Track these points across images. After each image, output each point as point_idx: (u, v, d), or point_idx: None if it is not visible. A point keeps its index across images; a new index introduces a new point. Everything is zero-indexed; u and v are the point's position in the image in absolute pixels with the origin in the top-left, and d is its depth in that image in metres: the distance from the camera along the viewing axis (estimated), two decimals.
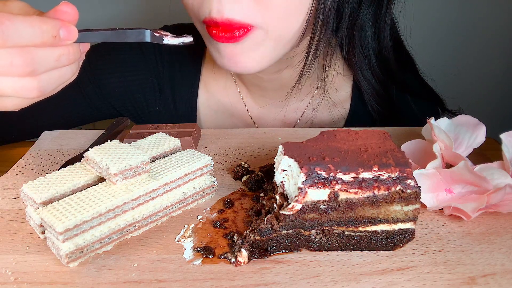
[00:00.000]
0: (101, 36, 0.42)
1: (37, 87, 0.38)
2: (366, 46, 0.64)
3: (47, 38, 0.37)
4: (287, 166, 0.39)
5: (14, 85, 0.38)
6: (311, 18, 0.56)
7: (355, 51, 0.64)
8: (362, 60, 0.66)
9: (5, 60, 0.36)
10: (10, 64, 0.36)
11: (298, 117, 0.74)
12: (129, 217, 0.41)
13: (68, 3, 0.39)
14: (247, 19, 0.53)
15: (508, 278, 0.36)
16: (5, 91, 0.38)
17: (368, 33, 0.63)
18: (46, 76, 0.39)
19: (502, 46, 1.38)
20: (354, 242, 0.39)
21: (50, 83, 0.39)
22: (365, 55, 0.65)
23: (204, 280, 0.36)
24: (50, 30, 0.37)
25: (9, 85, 0.38)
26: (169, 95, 0.76)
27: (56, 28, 0.37)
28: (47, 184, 0.41)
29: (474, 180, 0.43)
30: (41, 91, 0.39)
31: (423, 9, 1.22)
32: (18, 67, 0.37)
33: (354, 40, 0.63)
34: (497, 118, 1.00)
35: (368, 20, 0.62)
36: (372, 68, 0.67)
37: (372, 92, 0.69)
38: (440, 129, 0.47)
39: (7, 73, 0.37)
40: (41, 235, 0.41)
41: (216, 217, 0.44)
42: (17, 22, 0.35)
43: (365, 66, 0.66)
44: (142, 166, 0.41)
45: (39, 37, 0.37)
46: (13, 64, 0.36)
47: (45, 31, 0.37)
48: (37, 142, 0.62)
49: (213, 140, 0.62)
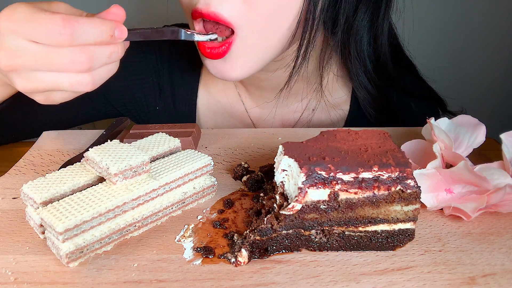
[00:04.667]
0: (143, 34, 0.47)
1: (91, 82, 0.43)
2: (362, 52, 0.64)
3: (106, 37, 0.41)
4: (287, 166, 0.39)
5: (71, 80, 0.42)
6: (301, 19, 0.55)
7: (351, 57, 0.64)
8: (358, 66, 0.65)
9: (68, 57, 0.40)
10: (71, 62, 0.40)
11: (296, 118, 0.74)
12: (129, 217, 0.41)
13: (118, 6, 0.43)
14: (233, 17, 0.53)
15: (508, 278, 0.36)
16: (62, 85, 0.42)
17: (364, 39, 0.63)
18: (99, 71, 0.43)
19: (502, 46, 1.39)
20: (354, 242, 0.39)
21: (101, 78, 0.44)
22: (361, 61, 0.65)
23: (204, 280, 0.36)
24: (108, 30, 0.41)
25: (67, 80, 0.42)
26: (169, 95, 0.76)
27: (112, 29, 0.42)
28: (47, 184, 0.41)
29: (474, 180, 0.43)
30: (94, 85, 0.43)
31: (424, 9, 1.22)
32: (79, 64, 0.41)
33: (350, 45, 0.63)
34: (497, 118, 1.00)
35: (364, 26, 0.62)
36: (368, 74, 0.66)
37: (367, 98, 0.68)
38: (440, 129, 0.47)
39: (67, 70, 0.41)
40: (41, 235, 0.41)
41: (216, 217, 0.44)
42: (84, 23, 0.40)
43: (361, 71, 0.66)
44: (142, 166, 0.41)
45: (99, 36, 0.41)
46: (74, 61, 0.40)
47: (104, 31, 0.41)
48: (37, 142, 0.62)
49: (213, 140, 0.62)
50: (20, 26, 0.39)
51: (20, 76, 0.42)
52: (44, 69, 0.41)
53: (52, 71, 0.41)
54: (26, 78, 0.42)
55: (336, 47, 0.63)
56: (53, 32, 0.39)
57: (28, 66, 0.41)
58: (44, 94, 0.44)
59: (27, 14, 0.39)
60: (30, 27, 0.39)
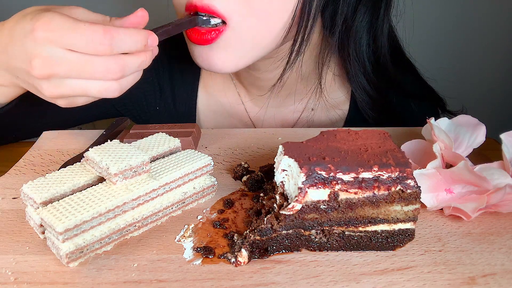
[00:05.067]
0: (166, 32, 0.48)
1: (119, 89, 0.44)
2: (361, 53, 0.64)
3: (140, 46, 0.43)
4: (287, 166, 0.39)
5: (100, 88, 0.43)
6: (296, 15, 0.55)
7: (350, 58, 0.64)
8: (357, 67, 0.65)
9: (102, 66, 0.41)
10: (106, 70, 0.42)
11: (296, 118, 0.74)
12: (129, 217, 0.41)
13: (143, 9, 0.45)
14: (226, 10, 0.53)
15: (508, 278, 0.36)
16: (90, 92, 0.43)
17: (363, 40, 0.63)
18: (127, 78, 0.45)
19: (502, 46, 1.39)
20: (354, 242, 0.39)
21: (127, 85, 0.45)
22: (360, 62, 0.65)
23: (204, 280, 0.36)
24: (142, 40, 0.43)
25: (96, 87, 0.43)
26: (169, 95, 0.76)
27: (146, 38, 0.43)
28: (47, 184, 0.41)
29: (474, 180, 0.43)
30: (121, 92, 0.45)
31: (424, 10, 1.22)
32: (113, 73, 0.42)
33: (349, 46, 0.63)
34: (497, 118, 1.00)
35: (363, 27, 0.62)
36: (367, 75, 0.66)
37: (366, 99, 0.68)
38: (440, 129, 0.47)
39: (101, 78, 0.42)
40: (41, 235, 0.41)
41: (216, 217, 0.44)
42: (122, 34, 0.41)
43: (359, 73, 0.66)
44: (142, 166, 0.41)
45: (135, 45, 0.43)
46: (109, 70, 0.42)
47: (139, 41, 0.43)
48: (37, 142, 0.62)
49: (213, 140, 0.62)
50: (59, 35, 0.40)
51: (50, 82, 0.42)
52: (77, 77, 0.42)
53: (84, 79, 0.42)
54: (55, 84, 0.42)
55: (334, 47, 0.63)
56: (94, 41, 0.40)
57: (62, 74, 0.42)
58: (67, 99, 0.45)
59: (66, 24, 0.40)
60: (71, 36, 0.40)
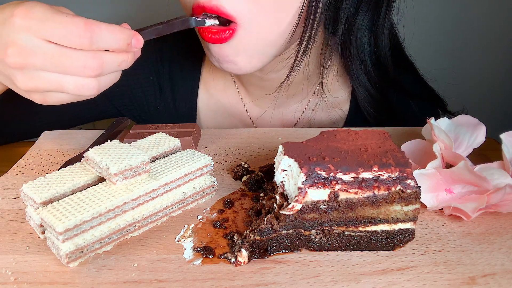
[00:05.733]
0: (155, 32, 0.47)
1: (96, 87, 0.43)
2: (362, 52, 0.64)
3: (122, 45, 0.42)
4: (287, 166, 0.39)
5: (77, 83, 0.42)
6: (303, 14, 0.55)
7: (351, 56, 0.64)
8: (358, 65, 0.65)
9: (80, 61, 0.40)
10: (83, 66, 0.40)
11: (297, 118, 0.74)
12: (129, 217, 0.41)
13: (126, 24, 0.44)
14: (235, 10, 0.53)
15: (508, 278, 0.36)
16: (66, 88, 0.42)
17: (364, 39, 0.63)
18: (105, 77, 0.43)
19: (502, 46, 1.39)
20: (354, 242, 0.39)
21: (106, 84, 0.44)
22: (361, 60, 0.65)
23: (204, 280, 0.36)
24: (126, 39, 0.42)
25: (72, 82, 0.41)
26: (169, 95, 0.76)
27: (130, 37, 0.42)
28: (47, 184, 0.41)
29: (474, 180, 0.43)
30: (98, 91, 0.43)
31: (424, 10, 1.22)
32: (90, 69, 0.41)
33: (351, 45, 0.63)
34: (497, 118, 1.00)
35: (364, 26, 0.62)
36: (368, 74, 0.66)
37: (367, 98, 0.68)
38: (440, 129, 0.47)
39: (77, 73, 0.41)
40: (41, 235, 0.41)
41: (216, 217, 0.44)
42: (104, 29, 0.40)
43: (361, 71, 0.66)
44: (142, 166, 0.41)
45: (117, 43, 0.41)
46: (86, 66, 0.40)
47: (122, 39, 0.41)
48: (37, 142, 0.62)
49: (213, 140, 0.62)
50: (38, 24, 0.39)
51: (23, 73, 0.41)
52: (52, 70, 0.41)
53: (60, 73, 0.41)
54: (29, 76, 0.41)
55: (336, 46, 0.63)
56: (74, 34, 0.39)
57: (37, 65, 0.40)
58: (42, 94, 0.43)
59: (47, 14, 0.39)
60: (50, 26, 0.39)
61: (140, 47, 0.44)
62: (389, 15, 0.63)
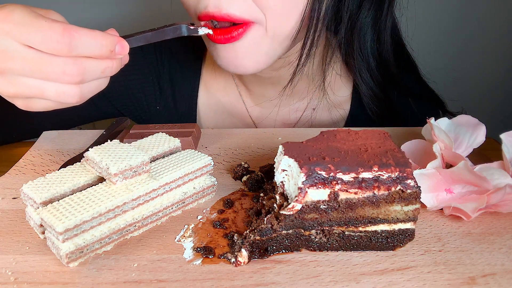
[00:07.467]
0: (143, 39, 0.46)
1: (79, 95, 0.41)
2: (365, 49, 0.64)
3: (105, 52, 0.40)
4: (287, 166, 0.39)
5: (58, 90, 0.40)
6: (306, 17, 0.56)
7: (354, 54, 0.64)
8: (361, 63, 0.65)
9: (60, 67, 0.39)
10: (63, 72, 0.39)
11: (297, 117, 0.74)
12: (129, 217, 0.41)
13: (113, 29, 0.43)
14: (246, 14, 0.53)
15: (508, 278, 0.36)
16: (47, 94, 0.40)
17: (367, 36, 0.63)
18: (88, 84, 0.42)
19: (502, 46, 1.39)
20: (354, 242, 0.39)
21: (89, 92, 0.42)
22: (364, 58, 0.65)
23: (204, 280, 0.36)
24: (109, 45, 0.40)
25: (53, 89, 0.40)
26: (169, 95, 0.76)
27: (114, 44, 0.41)
28: (47, 184, 0.41)
29: (474, 180, 0.43)
30: (81, 98, 0.42)
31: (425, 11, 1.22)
32: (70, 76, 0.39)
33: (353, 42, 0.63)
34: (497, 118, 1.00)
35: (367, 23, 0.62)
36: (371, 71, 0.67)
37: (370, 95, 0.68)
38: (440, 129, 0.47)
39: (57, 79, 0.40)
40: (41, 235, 0.41)
41: (216, 217, 0.44)
42: (84, 35, 0.39)
43: (364, 68, 0.66)
44: (142, 166, 0.41)
45: (99, 50, 0.40)
46: (66, 72, 0.39)
47: (105, 45, 0.40)
48: (37, 142, 0.62)
49: (213, 140, 0.62)
50: (17, 28, 0.38)
51: (4, 78, 0.40)
52: (32, 75, 0.39)
53: (40, 79, 0.40)
54: (10, 81, 0.40)
55: (339, 44, 0.64)
56: (52, 39, 0.38)
57: (16, 70, 0.39)
58: (25, 100, 0.42)
59: (25, 18, 0.38)
60: (28, 31, 0.38)
61: (125, 54, 0.42)
62: (391, 11, 0.64)
